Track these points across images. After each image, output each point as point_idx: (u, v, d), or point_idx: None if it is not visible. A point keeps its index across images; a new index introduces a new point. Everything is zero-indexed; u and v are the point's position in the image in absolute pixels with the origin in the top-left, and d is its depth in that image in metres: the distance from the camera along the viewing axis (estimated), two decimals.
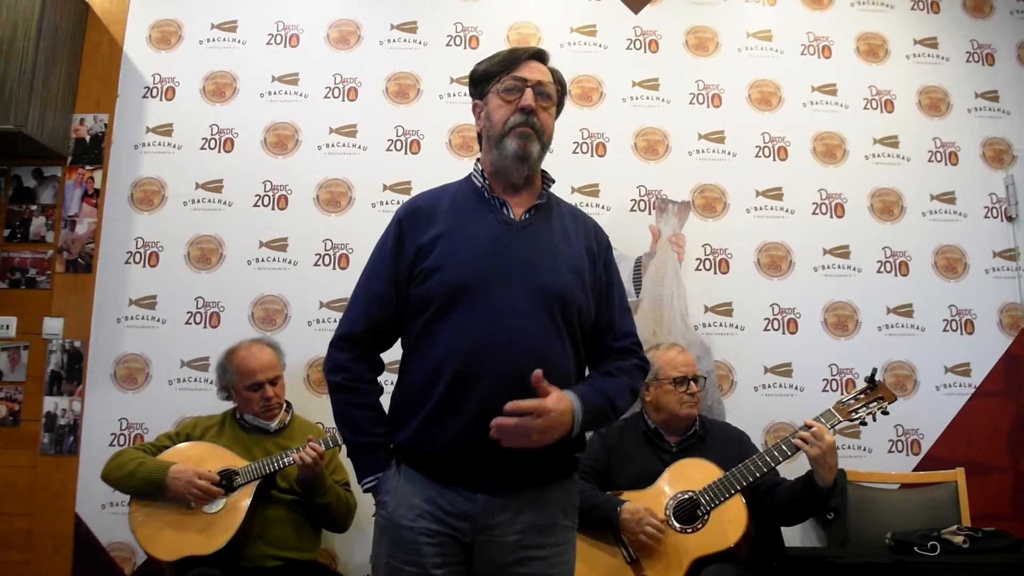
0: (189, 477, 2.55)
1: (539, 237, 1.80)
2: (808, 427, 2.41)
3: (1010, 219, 3.59)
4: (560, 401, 1.64)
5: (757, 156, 3.57)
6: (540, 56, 1.86)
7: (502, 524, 1.68)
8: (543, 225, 1.83)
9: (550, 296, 1.73)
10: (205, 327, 3.30)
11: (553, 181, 1.92)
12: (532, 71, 1.82)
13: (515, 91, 1.79)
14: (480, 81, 1.86)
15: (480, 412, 1.64)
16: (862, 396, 2.50)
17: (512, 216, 1.81)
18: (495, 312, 1.68)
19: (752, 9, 3.73)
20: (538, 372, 1.62)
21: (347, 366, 1.77)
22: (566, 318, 1.75)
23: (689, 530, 2.42)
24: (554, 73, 1.88)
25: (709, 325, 3.41)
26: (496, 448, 1.64)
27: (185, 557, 2.51)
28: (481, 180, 1.85)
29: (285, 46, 3.55)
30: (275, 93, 3.50)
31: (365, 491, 1.78)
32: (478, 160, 1.91)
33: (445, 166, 3.39)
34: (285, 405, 2.87)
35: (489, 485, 1.67)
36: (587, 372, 1.88)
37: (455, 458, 1.68)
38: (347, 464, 2.63)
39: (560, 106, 1.92)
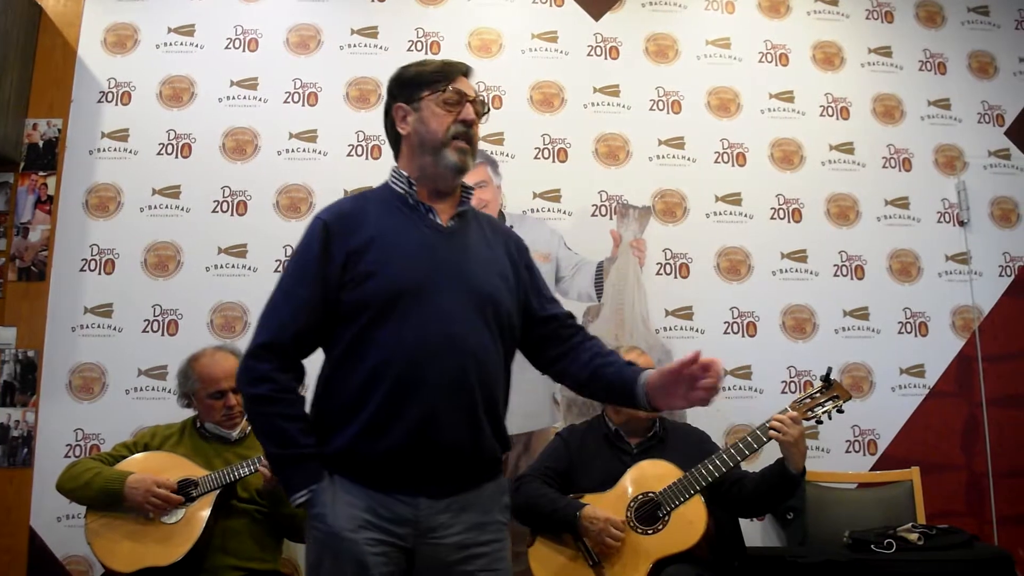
0: (147, 487, 2.50)
1: (467, 243, 1.81)
2: (778, 421, 2.45)
3: (962, 224, 3.68)
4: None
5: (716, 162, 3.62)
6: (469, 73, 1.87)
7: (444, 525, 1.68)
8: (468, 231, 1.84)
9: (483, 300, 1.74)
10: (163, 335, 3.25)
11: (472, 190, 1.90)
12: (468, 87, 1.84)
13: (456, 104, 1.80)
14: (410, 85, 1.83)
15: (423, 418, 1.64)
16: (818, 395, 2.53)
17: (439, 221, 1.81)
18: (433, 318, 1.68)
19: (711, 17, 3.78)
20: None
21: (272, 376, 1.68)
22: (498, 322, 1.76)
23: (650, 531, 2.44)
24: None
25: (670, 329, 3.44)
26: (437, 453, 1.65)
27: (143, 569, 2.46)
28: (406, 186, 1.82)
29: (244, 51, 3.52)
30: (234, 98, 3.47)
31: (297, 506, 1.70)
32: (395, 167, 1.87)
33: None
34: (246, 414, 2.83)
35: (430, 489, 1.67)
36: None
37: (396, 465, 1.66)
38: None
39: None
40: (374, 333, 1.68)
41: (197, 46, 3.50)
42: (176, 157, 3.40)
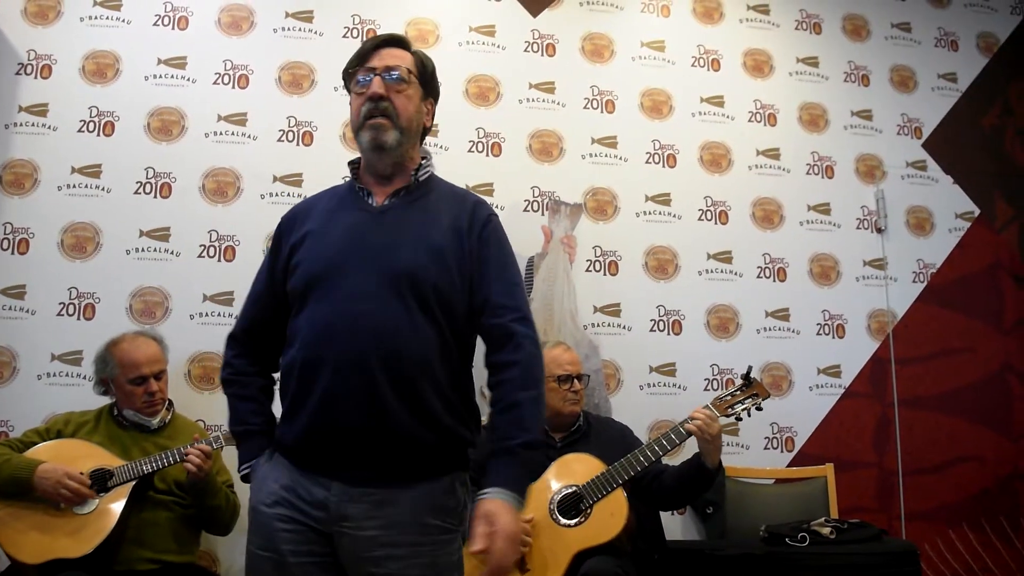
0: (59, 477, 2.41)
1: (398, 220, 1.77)
2: (696, 418, 2.51)
3: (879, 231, 3.82)
4: (498, 518, 1.58)
5: (647, 162, 3.67)
6: (397, 42, 1.84)
7: (357, 517, 1.63)
8: (405, 208, 1.79)
9: (398, 276, 1.68)
10: (79, 319, 3.13)
11: (429, 157, 1.87)
12: (382, 58, 1.79)
13: (365, 83, 1.79)
14: (345, 78, 1.87)
15: (324, 399, 1.63)
16: (738, 392, 2.61)
17: (374, 203, 1.80)
18: (340, 299, 1.68)
19: (646, 20, 3.83)
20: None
21: (230, 362, 1.88)
22: (418, 297, 1.68)
23: (572, 524, 2.46)
24: (415, 55, 1.85)
25: (598, 325, 3.48)
26: (338, 436, 1.64)
27: (52, 560, 2.37)
28: (351, 173, 1.88)
29: (173, 28, 3.41)
30: (161, 76, 3.36)
31: (243, 479, 1.79)
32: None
33: (338, 159, 3.29)
34: (167, 403, 2.77)
35: (346, 476, 1.64)
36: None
37: (309, 446, 1.67)
38: (230, 465, 2.58)
39: (428, 87, 1.87)
40: (297, 321, 1.74)
41: (124, 21, 3.38)
42: (98, 135, 3.27)
